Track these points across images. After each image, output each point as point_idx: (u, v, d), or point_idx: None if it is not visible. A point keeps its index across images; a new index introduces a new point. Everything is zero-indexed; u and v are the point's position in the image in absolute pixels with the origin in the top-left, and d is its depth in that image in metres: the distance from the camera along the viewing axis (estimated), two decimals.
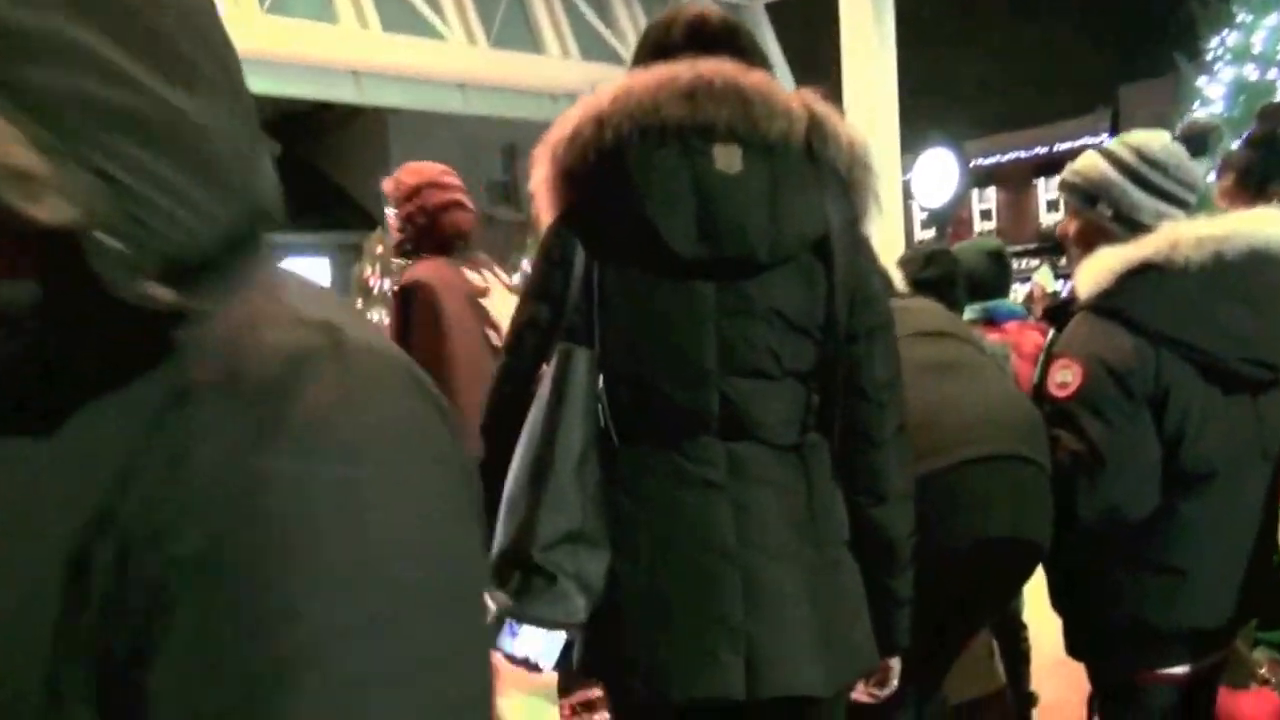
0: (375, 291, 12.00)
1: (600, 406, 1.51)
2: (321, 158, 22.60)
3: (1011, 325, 3.26)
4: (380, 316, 11.23)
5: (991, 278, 3.24)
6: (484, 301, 2.99)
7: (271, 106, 20.86)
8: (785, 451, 1.53)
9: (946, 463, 1.90)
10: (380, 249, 11.90)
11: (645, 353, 1.51)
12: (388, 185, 3.14)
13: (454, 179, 3.11)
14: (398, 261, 3.24)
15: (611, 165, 1.50)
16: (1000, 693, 2.91)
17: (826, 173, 1.54)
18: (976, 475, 1.92)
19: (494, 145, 20.67)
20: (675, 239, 1.48)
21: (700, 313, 1.50)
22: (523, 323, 1.57)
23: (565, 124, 1.55)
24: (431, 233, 3.03)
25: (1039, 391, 2.05)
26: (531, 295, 1.56)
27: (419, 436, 0.52)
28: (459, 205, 3.07)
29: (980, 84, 49.11)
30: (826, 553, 1.53)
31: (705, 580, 1.47)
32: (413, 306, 2.88)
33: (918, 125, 9.40)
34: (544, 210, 1.60)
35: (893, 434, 1.58)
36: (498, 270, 3.16)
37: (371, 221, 12.64)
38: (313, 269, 19.58)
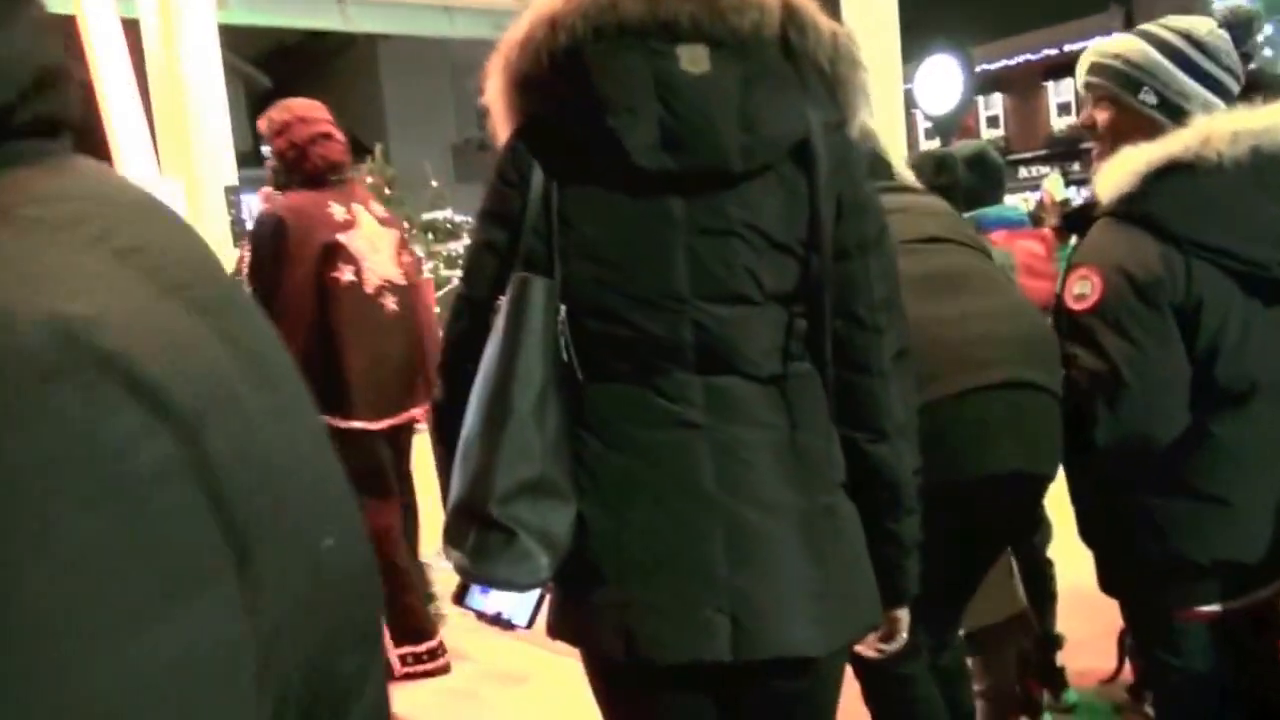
0: None
1: (563, 340, 1.35)
2: (314, 91, 22.22)
3: (998, 234, 2.95)
4: None
5: (974, 182, 2.99)
6: (343, 236, 3.10)
7: (263, 39, 20.49)
8: (769, 384, 1.38)
9: (946, 391, 1.74)
10: (370, 181, 11.65)
11: (611, 279, 1.36)
12: (261, 123, 3.27)
13: (322, 113, 3.25)
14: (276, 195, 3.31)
15: (566, 70, 1.35)
16: (1021, 615, 2.73)
17: (806, 69, 1.38)
18: (979, 404, 1.76)
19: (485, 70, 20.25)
20: (638, 149, 1.32)
21: (669, 232, 1.34)
22: (477, 249, 1.42)
23: (518, 28, 1.40)
24: (301, 165, 3.15)
25: (1058, 305, 1.87)
26: (485, 219, 1.41)
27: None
28: (326, 136, 3.19)
29: None
30: (819, 498, 1.38)
31: (684, 530, 1.32)
32: (258, 239, 3.08)
33: (920, 31, 9.04)
34: (499, 125, 1.46)
35: (891, 361, 1.42)
36: (372, 205, 3.30)
37: (362, 153, 12.36)
38: None
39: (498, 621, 1.43)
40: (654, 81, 1.33)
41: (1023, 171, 23.09)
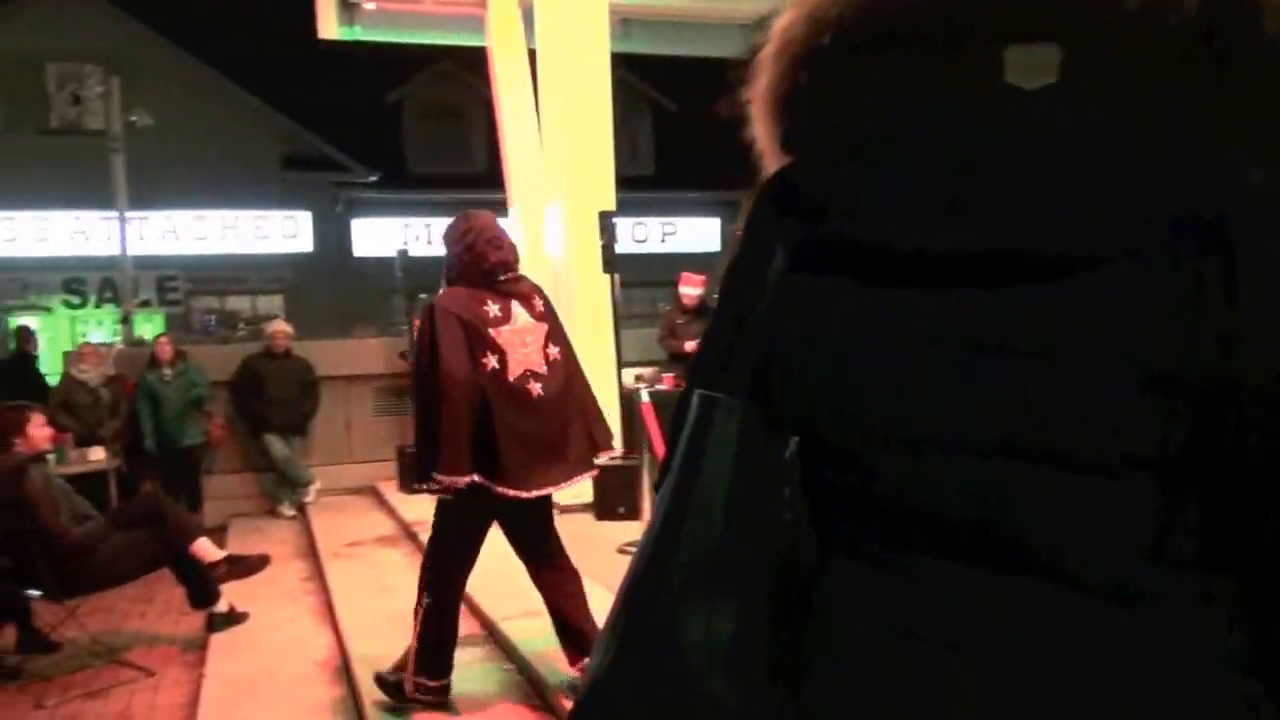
0: None
1: (784, 495, 0.86)
2: (720, 113, 22.68)
3: None
4: None
5: None
6: (493, 330, 3.59)
7: (676, 62, 21.23)
8: (1114, 605, 0.77)
9: None
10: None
11: (858, 409, 0.85)
12: (445, 231, 3.86)
13: (495, 225, 3.82)
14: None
15: (826, 88, 0.91)
16: None
17: (1241, 83, 0.79)
18: None
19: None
20: (915, 215, 0.84)
21: (957, 346, 0.81)
22: (703, 339, 1.02)
23: (779, 21, 0.97)
24: (468, 267, 3.69)
25: None
26: (720, 296, 1.00)
27: None
28: (496, 245, 3.74)
29: None
30: None
31: None
32: (423, 323, 3.64)
33: None
34: (767, 155, 1.01)
35: None
36: (535, 301, 3.82)
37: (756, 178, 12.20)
38: (702, 229, 19.62)
39: None
40: (958, 106, 0.84)
41: None
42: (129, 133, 13.10)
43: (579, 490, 7.40)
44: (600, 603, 4.91)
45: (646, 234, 19.45)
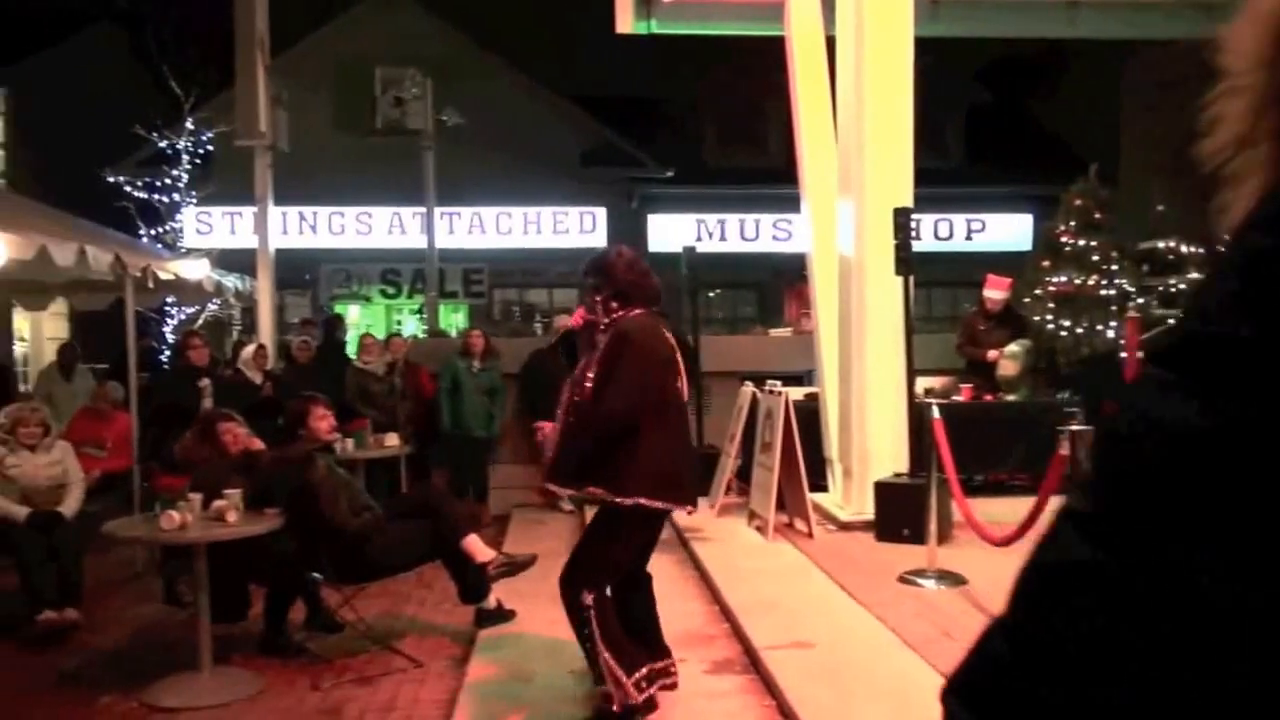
0: None
1: None
2: (1040, 104, 21.14)
3: None
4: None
5: None
6: (676, 356, 3.78)
7: (994, 49, 19.96)
8: None
9: None
10: (1078, 204, 10.40)
11: None
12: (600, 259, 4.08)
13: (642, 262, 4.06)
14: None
15: None
16: None
17: None
18: None
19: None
20: None
21: None
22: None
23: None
24: (637, 292, 3.88)
25: None
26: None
27: None
28: (650, 275, 3.99)
29: None
30: None
31: None
32: (614, 338, 3.77)
33: None
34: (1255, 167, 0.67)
35: None
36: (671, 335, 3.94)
37: (1073, 172, 11.12)
38: (1012, 226, 18.34)
39: None
40: None
41: None
42: (440, 132, 13.89)
43: (859, 506, 6.98)
44: (869, 634, 4.49)
45: (950, 230, 18.41)
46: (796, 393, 7.88)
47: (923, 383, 7.52)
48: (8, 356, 15.97)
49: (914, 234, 6.82)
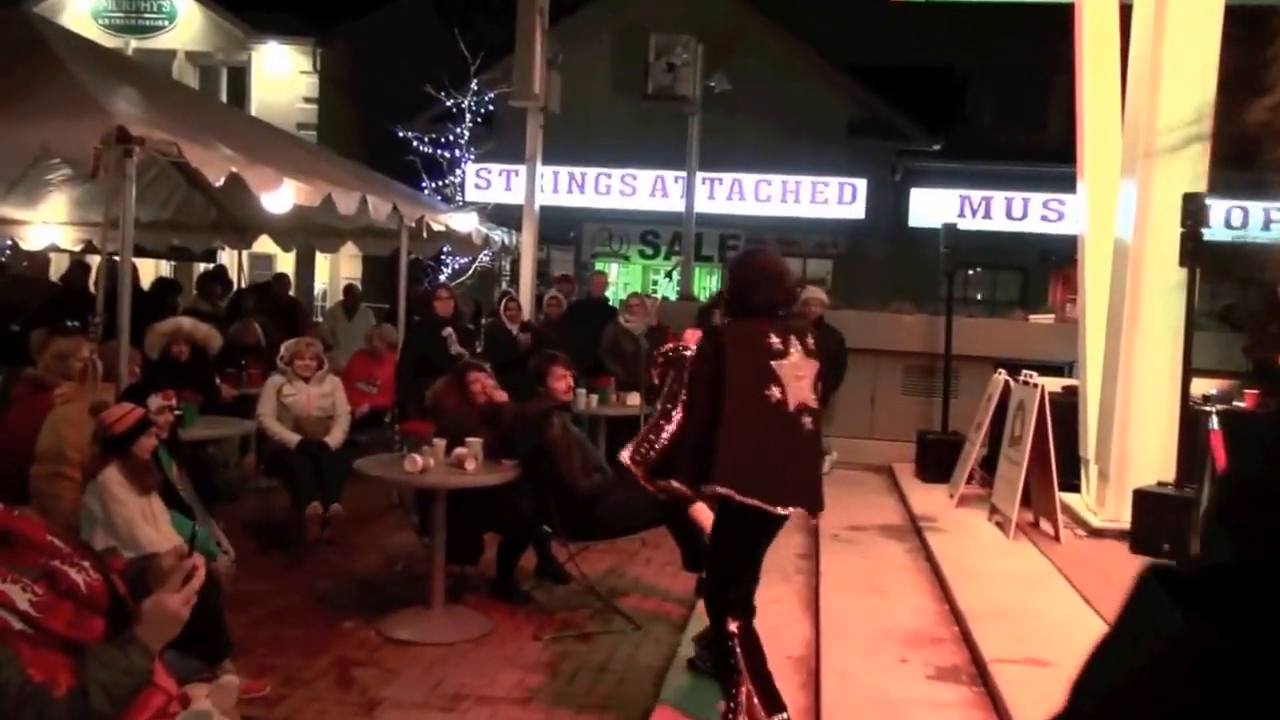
0: None
1: None
2: None
3: None
4: None
5: None
6: (774, 362, 3.69)
7: None
8: None
9: None
10: None
11: None
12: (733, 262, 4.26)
13: (779, 264, 3.99)
14: None
15: None
16: None
17: None
18: None
19: None
20: None
21: None
22: None
23: None
24: (749, 300, 3.83)
25: None
26: None
27: None
28: (777, 282, 3.88)
29: None
30: None
31: None
32: (702, 344, 3.80)
33: None
34: None
35: None
36: (808, 338, 3.84)
37: None
38: None
39: None
40: None
41: None
42: (708, 98, 13.74)
43: (1114, 513, 6.30)
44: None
45: (1244, 219, 16.49)
46: (1054, 384, 7.23)
47: (1199, 385, 6.69)
48: (309, 294, 17.34)
49: (1204, 222, 6.03)
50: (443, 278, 14.05)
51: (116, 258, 5.21)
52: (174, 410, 5.04)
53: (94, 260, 9.72)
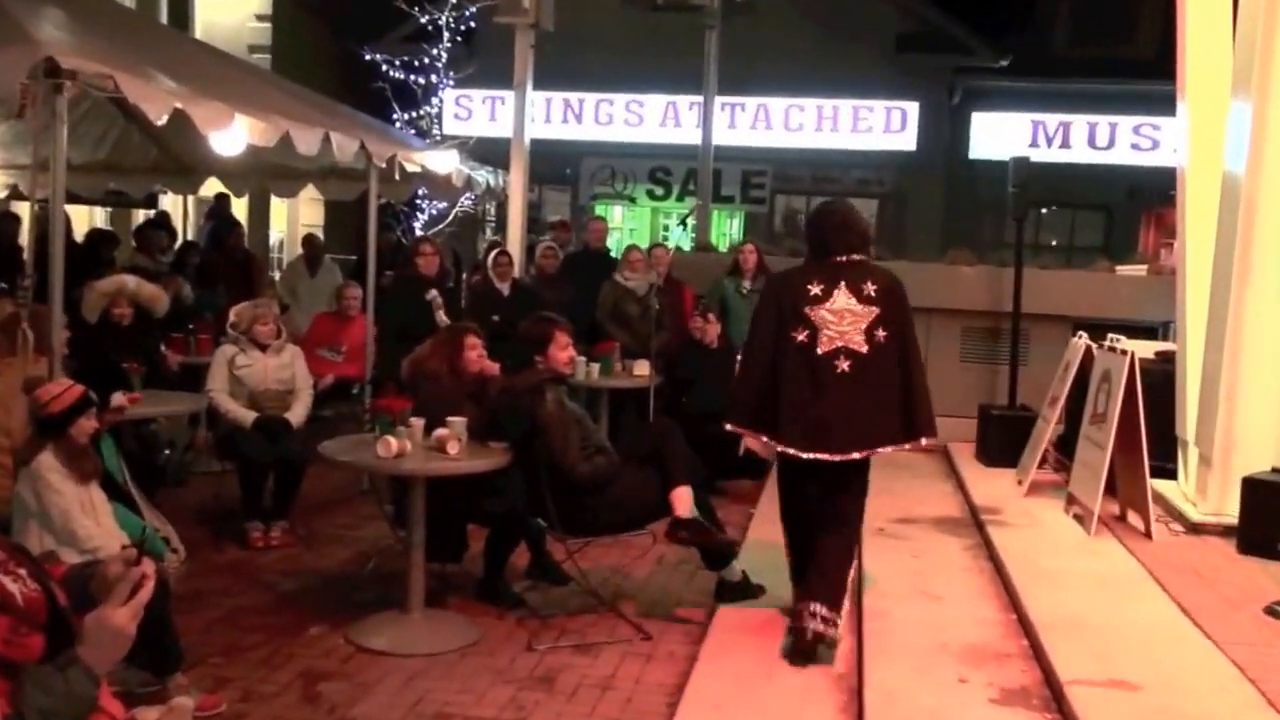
0: None
1: None
2: None
3: None
4: None
5: None
6: (808, 307, 4.55)
7: None
8: None
9: None
10: None
11: None
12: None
13: (854, 215, 4.91)
14: None
15: None
16: None
17: None
18: None
19: None
20: None
21: None
22: None
23: None
24: (812, 247, 4.80)
25: None
26: None
27: None
28: (842, 230, 4.72)
29: None
30: None
31: None
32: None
33: None
34: None
35: None
36: (867, 286, 4.58)
37: None
38: None
39: None
40: None
41: None
42: (727, 8, 13.61)
43: (1218, 505, 6.30)
44: (1219, 683, 4.00)
45: None
46: (1146, 350, 7.21)
47: None
48: (264, 244, 17.33)
49: None
50: (418, 226, 14.02)
51: (47, 205, 5.20)
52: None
53: (21, 209, 9.72)
